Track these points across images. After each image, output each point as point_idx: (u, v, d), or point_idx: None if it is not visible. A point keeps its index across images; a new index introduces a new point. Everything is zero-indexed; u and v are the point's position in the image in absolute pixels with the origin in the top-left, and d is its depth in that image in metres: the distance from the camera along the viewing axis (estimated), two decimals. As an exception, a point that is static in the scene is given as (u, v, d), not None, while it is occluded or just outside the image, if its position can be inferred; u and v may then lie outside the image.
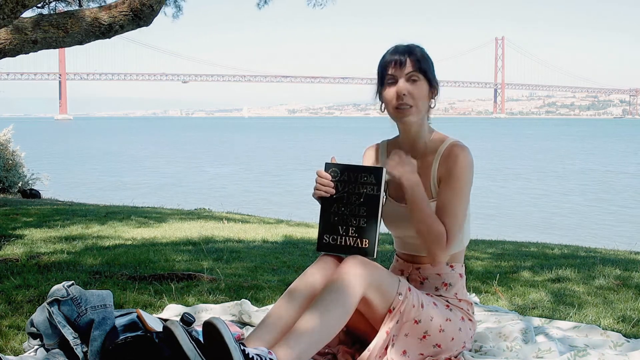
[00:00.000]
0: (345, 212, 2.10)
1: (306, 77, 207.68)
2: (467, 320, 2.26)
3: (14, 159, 13.83)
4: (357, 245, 2.10)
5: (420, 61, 2.21)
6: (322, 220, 2.14)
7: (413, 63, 2.20)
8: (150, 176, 26.52)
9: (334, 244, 2.13)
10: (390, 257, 2.47)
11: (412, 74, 2.20)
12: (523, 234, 10.68)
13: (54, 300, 2.16)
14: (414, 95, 2.21)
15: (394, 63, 2.21)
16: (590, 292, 3.46)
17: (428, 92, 2.24)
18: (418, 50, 2.24)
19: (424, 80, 2.22)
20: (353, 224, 2.10)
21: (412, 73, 2.20)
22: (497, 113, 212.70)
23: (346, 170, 2.13)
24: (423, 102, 2.23)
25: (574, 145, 49.88)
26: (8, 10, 3.89)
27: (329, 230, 2.13)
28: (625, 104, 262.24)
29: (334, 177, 2.13)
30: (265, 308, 2.84)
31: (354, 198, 2.10)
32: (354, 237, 2.10)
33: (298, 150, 44.05)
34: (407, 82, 2.21)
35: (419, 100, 2.21)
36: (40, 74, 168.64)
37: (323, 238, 2.15)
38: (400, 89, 2.20)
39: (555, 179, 25.35)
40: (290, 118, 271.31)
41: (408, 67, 2.20)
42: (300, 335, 1.97)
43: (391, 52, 2.24)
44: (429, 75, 2.22)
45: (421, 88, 2.22)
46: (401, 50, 2.23)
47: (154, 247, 4.87)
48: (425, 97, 2.23)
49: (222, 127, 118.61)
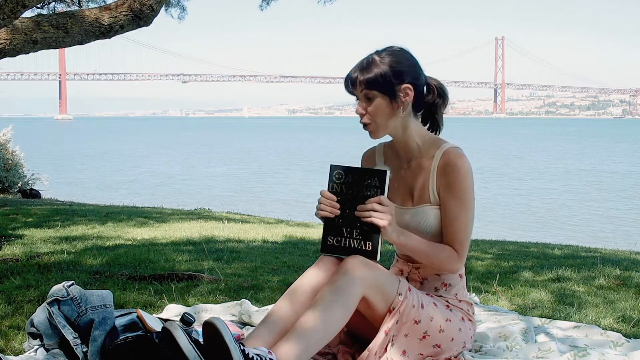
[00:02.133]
0: (350, 215, 2.10)
1: (306, 77, 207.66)
2: (467, 321, 2.26)
3: (13, 159, 13.84)
4: (361, 247, 2.09)
5: (371, 79, 2.13)
6: (327, 222, 2.13)
7: (364, 82, 2.15)
8: (150, 176, 26.53)
9: (338, 246, 2.13)
10: (390, 257, 2.47)
11: (365, 92, 2.16)
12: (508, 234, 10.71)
13: (54, 300, 2.16)
14: (371, 113, 2.17)
15: (349, 83, 2.20)
16: (591, 292, 3.46)
17: (389, 106, 2.16)
18: (375, 64, 2.15)
19: (380, 96, 2.15)
20: (357, 226, 2.09)
21: (365, 92, 2.16)
22: (497, 113, 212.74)
23: (351, 173, 2.12)
24: (383, 117, 2.17)
25: (568, 145, 49.90)
26: (8, 10, 3.89)
27: (333, 232, 2.13)
28: (625, 104, 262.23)
29: (339, 179, 2.12)
30: (265, 308, 2.84)
31: (359, 200, 2.09)
32: (357, 240, 2.10)
33: (299, 150, 44.05)
34: (363, 101, 2.18)
35: (377, 117, 2.17)
36: (40, 74, 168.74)
37: (327, 240, 2.14)
38: (357, 109, 2.20)
39: (553, 179, 25.39)
40: (290, 118, 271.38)
41: (360, 86, 2.16)
42: (300, 335, 1.96)
43: (350, 70, 2.20)
44: (384, 89, 2.14)
45: (378, 105, 2.16)
46: (355, 69, 2.19)
47: (154, 247, 4.87)
48: (384, 112, 2.16)
49: (222, 127, 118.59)
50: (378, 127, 2.19)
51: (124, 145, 51.13)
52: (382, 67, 2.14)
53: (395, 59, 2.16)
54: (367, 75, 2.15)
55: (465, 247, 2.18)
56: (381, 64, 2.15)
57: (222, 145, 51.09)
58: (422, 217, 2.19)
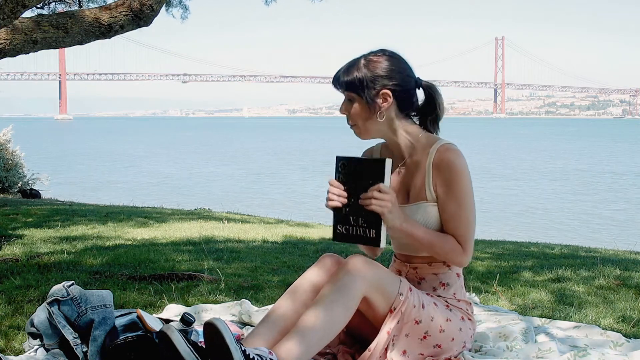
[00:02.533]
0: (356, 204, 2.12)
1: (306, 77, 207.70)
2: (467, 320, 2.26)
3: (14, 159, 13.84)
4: (367, 235, 2.12)
5: (349, 83, 2.16)
6: (335, 211, 2.15)
7: (344, 84, 2.18)
8: (150, 176, 26.52)
9: (347, 234, 2.15)
10: (390, 257, 2.47)
11: (347, 94, 2.20)
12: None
13: (54, 300, 2.16)
14: (352, 115, 2.20)
15: (334, 85, 2.23)
16: (590, 292, 3.46)
17: (366, 110, 2.17)
18: (356, 68, 2.16)
19: (358, 99, 2.17)
20: (362, 214, 2.11)
21: (347, 94, 2.19)
22: (497, 113, 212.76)
23: (354, 163, 2.14)
24: (364, 120, 2.19)
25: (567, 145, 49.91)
26: (8, 10, 3.89)
27: (341, 220, 2.15)
28: (625, 104, 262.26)
29: (343, 169, 2.14)
30: (265, 308, 2.84)
31: (363, 189, 2.11)
32: (363, 228, 2.12)
33: (299, 150, 44.05)
34: (346, 103, 2.22)
35: (357, 119, 2.19)
36: (40, 74, 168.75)
37: (337, 228, 2.17)
38: (340, 109, 2.24)
39: (553, 180, 25.39)
40: (290, 118, 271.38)
41: (342, 88, 2.20)
42: (301, 334, 1.97)
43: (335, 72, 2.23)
44: (362, 93, 2.15)
45: (356, 107, 2.18)
46: (338, 71, 2.21)
47: (154, 247, 4.88)
48: (362, 116, 2.18)
49: (222, 127, 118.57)
50: (361, 128, 2.22)
51: (124, 145, 51.13)
52: (362, 70, 2.16)
53: (380, 64, 2.16)
54: (347, 77, 2.17)
55: (469, 242, 2.17)
56: (363, 67, 2.16)
57: (222, 145, 51.10)
58: (419, 215, 2.19)
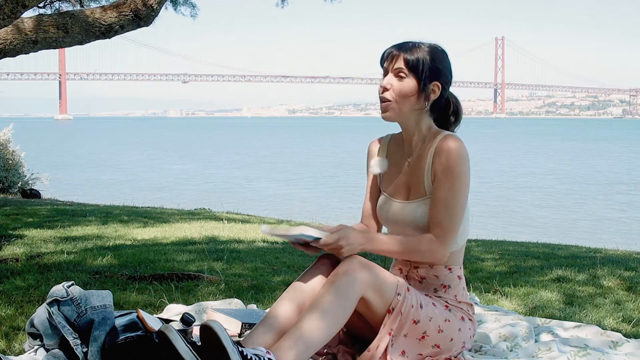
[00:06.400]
0: None
1: (306, 77, 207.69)
2: (467, 320, 2.25)
3: (14, 159, 13.84)
4: None
5: (413, 60, 2.15)
6: None
7: (405, 59, 2.16)
8: (150, 176, 26.52)
9: None
10: (390, 257, 2.47)
11: (400, 69, 2.17)
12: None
13: (54, 301, 2.15)
14: (397, 90, 2.17)
15: (387, 55, 2.21)
16: (591, 292, 3.46)
17: (416, 93, 2.17)
18: (421, 50, 2.17)
19: (412, 79, 2.16)
20: None
21: (401, 69, 2.17)
22: (497, 113, 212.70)
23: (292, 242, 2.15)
24: (405, 101, 2.18)
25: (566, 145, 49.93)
26: (8, 10, 3.89)
27: None
28: (625, 104, 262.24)
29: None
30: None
31: None
32: None
33: (299, 150, 44.04)
34: (394, 77, 2.19)
35: (401, 97, 2.17)
36: (40, 74, 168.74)
37: None
38: (384, 82, 2.20)
39: (552, 179, 25.41)
40: (291, 118, 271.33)
41: (398, 62, 2.17)
42: (299, 335, 1.96)
43: (392, 45, 2.22)
44: (420, 75, 2.16)
45: (407, 86, 2.17)
46: (399, 45, 2.20)
47: (154, 247, 4.88)
48: (409, 96, 2.17)
49: (222, 127, 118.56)
50: (397, 107, 2.19)
51: (124, 145, 51.12)
52: (426, 55, 2.17)
53: (438, 56, 2.20)
54: (410, 55, 2.16)
55: (449, 233, 2.14)
56: (427, 54, 2.18)
57: (224, 145, 51.07)
58: (419, 214, 2.19)
